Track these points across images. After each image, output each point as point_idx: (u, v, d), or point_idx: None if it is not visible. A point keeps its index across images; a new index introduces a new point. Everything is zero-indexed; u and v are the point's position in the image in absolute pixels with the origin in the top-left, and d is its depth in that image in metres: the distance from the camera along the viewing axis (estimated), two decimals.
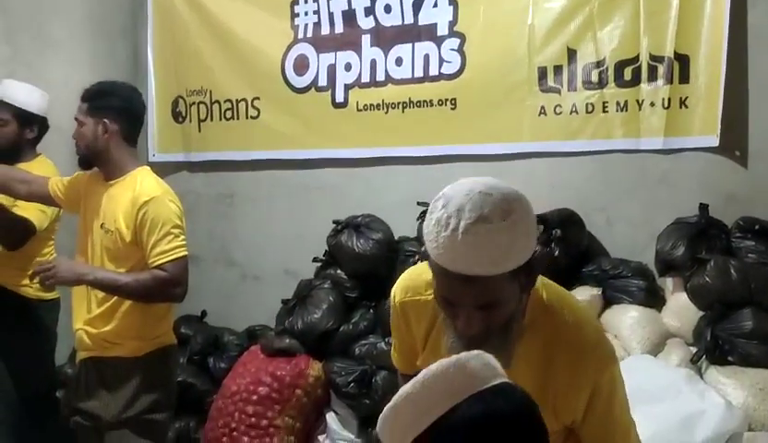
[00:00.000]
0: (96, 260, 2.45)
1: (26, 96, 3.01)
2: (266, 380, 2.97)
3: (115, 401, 2.45)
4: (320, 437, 2.97)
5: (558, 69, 3.09)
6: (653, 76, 2.93)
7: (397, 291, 1.60)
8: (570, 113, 3.08)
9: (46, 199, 2.69)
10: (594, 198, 3.10)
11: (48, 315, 2.99)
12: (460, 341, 1.38)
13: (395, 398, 1.11)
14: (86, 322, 2.48)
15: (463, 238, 1.29)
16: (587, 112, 3.05)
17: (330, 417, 2.98)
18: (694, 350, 2.60)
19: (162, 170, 3.89)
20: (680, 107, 2.90)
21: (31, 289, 2.91)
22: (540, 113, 3.13)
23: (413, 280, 1.59)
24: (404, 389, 1.10)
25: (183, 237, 2.42)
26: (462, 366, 1.09)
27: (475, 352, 1.13)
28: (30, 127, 3.02)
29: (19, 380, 2.95)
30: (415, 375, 1.12)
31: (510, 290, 1.35)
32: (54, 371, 3.16)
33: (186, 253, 2.41)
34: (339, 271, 3.28)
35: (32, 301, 2.93)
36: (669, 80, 2.90)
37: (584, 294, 2.86)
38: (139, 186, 2.43)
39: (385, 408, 1.12)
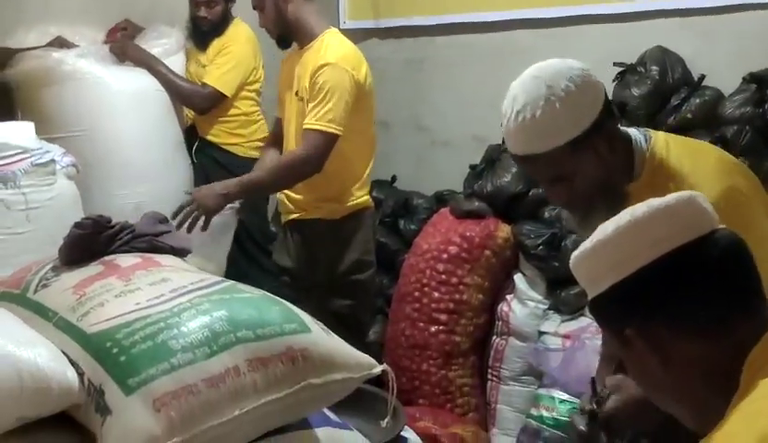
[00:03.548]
0: (292, 131, 2.56)
1: None
2: (456, 240, 3.06)
3: (318, 263, 2.60)
4: (508, 297, 3.04)
5: None
6: None
7: None
8: None
9: None
10: None
11: None
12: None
13: (593, 239, 1.07)
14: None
15: (513, 123, 1.45)
16: None
17: (518, 278, 3.03)
18: None
19: (353, 37, 3.91)
20: None
21: (241, 148, 3.16)
22: None
23: None
24: (602, 232, 1.06)
25: (342, 113, 2.36)
26: (671, 213, 1.03)
27: (688, 194, 1.07)
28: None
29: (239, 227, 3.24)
30: None
31: (577, 160, 1.45)
32: (266, 223, 3.43)
33: (333, 130, 2.38)
34: None
35: (241, 159, 3.18)
36: None
37: None
38: (324, 50, 2.46)
39: (581, 246, 1.09)
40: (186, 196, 2.48)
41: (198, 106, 3.18)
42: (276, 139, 2.76)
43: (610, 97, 3.08)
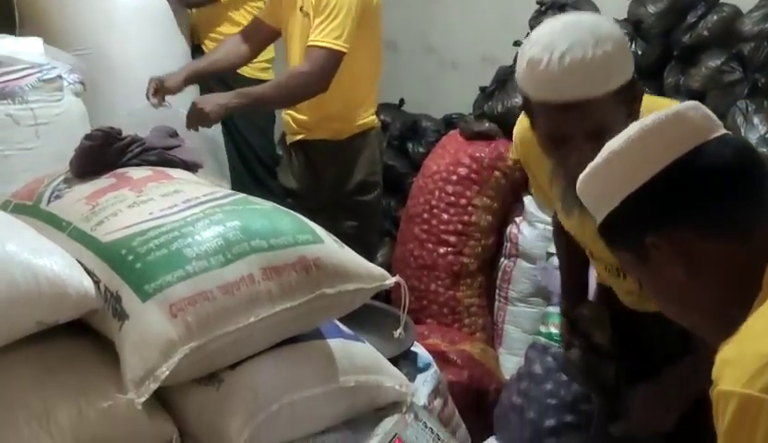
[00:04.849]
0: (296, 49, 2.51)
1: None
2: (465, 161, 3.04)
3: (322, 184, 2.59)
4: (517, 219, 3.03)
5: None
6: None
7: (514, 150, 1.69)
8: None
9: (272, 36, 2.65)
10: None
11: None
12: (568, 189, 1.37)
13: (603, 154, 1.07)
14: (291, 107, 2.59)
15: (560, 65, 1.30)
16: None
17: (528, 200, 3.01)
18: None
19: None
20: None
21: (248, 69, 3.12)
22: None
23: (523, 132, 1.58)
24: (613, 145, 1.06)
25: (348, 29, 2.31)
26: (681, 118, 1.03)
27: (693, 102, 1.07)
28: None
29: (246, 149, 3.23)
30: None
31: (617, 114, 1.33)
32: (273, 146, 3.42)
33: (339, 48, 2.32)
34: None
35: (247, 79, 3.14)
36: None
37: None
38: None
39: (589, 166, 1.09)
40: (183, 112, 2.45)
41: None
42: (245, 36, 2.66)
43: (625, 15, 3.08)
